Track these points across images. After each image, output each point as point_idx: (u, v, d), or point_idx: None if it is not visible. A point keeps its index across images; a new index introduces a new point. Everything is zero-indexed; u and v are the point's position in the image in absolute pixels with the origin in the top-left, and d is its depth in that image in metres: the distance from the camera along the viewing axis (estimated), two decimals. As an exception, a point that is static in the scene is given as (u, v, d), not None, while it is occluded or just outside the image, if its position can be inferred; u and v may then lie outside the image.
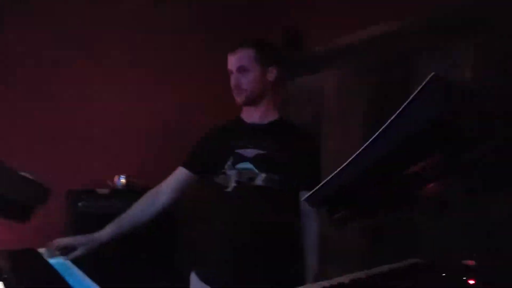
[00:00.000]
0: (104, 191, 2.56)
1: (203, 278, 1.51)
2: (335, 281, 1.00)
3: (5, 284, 0.97)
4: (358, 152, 0.65)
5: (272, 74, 1.55)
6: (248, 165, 1.48)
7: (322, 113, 2.67)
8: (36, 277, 1.10)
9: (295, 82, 2.82)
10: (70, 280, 1.05)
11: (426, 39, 2.08)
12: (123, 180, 2.60)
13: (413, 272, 1.10)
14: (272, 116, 1.58)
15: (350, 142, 2.53)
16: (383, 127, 0.62)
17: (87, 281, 1.12)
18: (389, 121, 0.60)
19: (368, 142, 0.64)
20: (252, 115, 1.58)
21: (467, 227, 1.58)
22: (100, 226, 1.51)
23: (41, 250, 1.44)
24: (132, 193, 2.60)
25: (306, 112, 2.71)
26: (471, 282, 0.96)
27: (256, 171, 1.46)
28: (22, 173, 0.89)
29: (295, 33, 2.98)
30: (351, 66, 2.56)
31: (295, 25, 2.96)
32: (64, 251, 1.39)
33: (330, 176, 0.69)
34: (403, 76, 2.25)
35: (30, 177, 0.91)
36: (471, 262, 1.11)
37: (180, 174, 1.61)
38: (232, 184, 1.49)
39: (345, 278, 1.02)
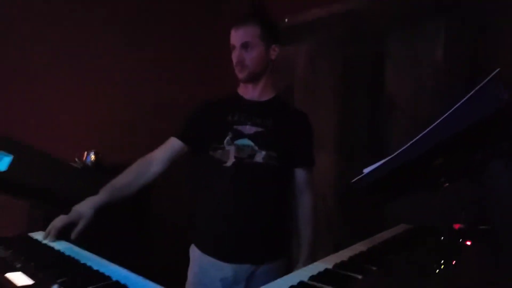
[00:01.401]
0: (73, 168, 2.44)
1: (204, 249, 1.55)
2: (355, 249, 1.08)
3: (28, 274, 0.93)
4: (415, 139, 0.72)
5: (274, 52, 1.56)
6: (247, 141, 1.51)
7: (294, 86, 2.72)
8: (52, 264, 1.06)
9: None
10: (87, 262, 1.03)
11: (398, 15, 2.17)
12: (92, 157, 2.49)
13: (414, 237, 1.22)
14: (270, 94, 1.60)
15: (322, 115, 2.62)
16: (442, 117, 0.68)
17: (102, 261, 1.09)
18: (452, 109, 0.66)
19: (425, 131, 0.70)
20: (250, 92, 1.59)
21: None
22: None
23: (32, 235, 1.39)
24: (102, 170, 2.52)
25: (278, 85, 2.74)
26: (468, 243, 1.10)
27: (256, 148, 1.50)
28: (74, 165, 0.84)
29: (260, 4, 2.95)
30: (322, 39, 2.61)
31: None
32: (62, 232, 1.34)
33: (384, 160, 0.75)
34: (375, 50, 2.34)
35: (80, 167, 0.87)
36: (459, 225, 1.25)
37: (173, 144, 1.58)
38: (232, 159, 1.51)
39: (361, 247, 1.11)
